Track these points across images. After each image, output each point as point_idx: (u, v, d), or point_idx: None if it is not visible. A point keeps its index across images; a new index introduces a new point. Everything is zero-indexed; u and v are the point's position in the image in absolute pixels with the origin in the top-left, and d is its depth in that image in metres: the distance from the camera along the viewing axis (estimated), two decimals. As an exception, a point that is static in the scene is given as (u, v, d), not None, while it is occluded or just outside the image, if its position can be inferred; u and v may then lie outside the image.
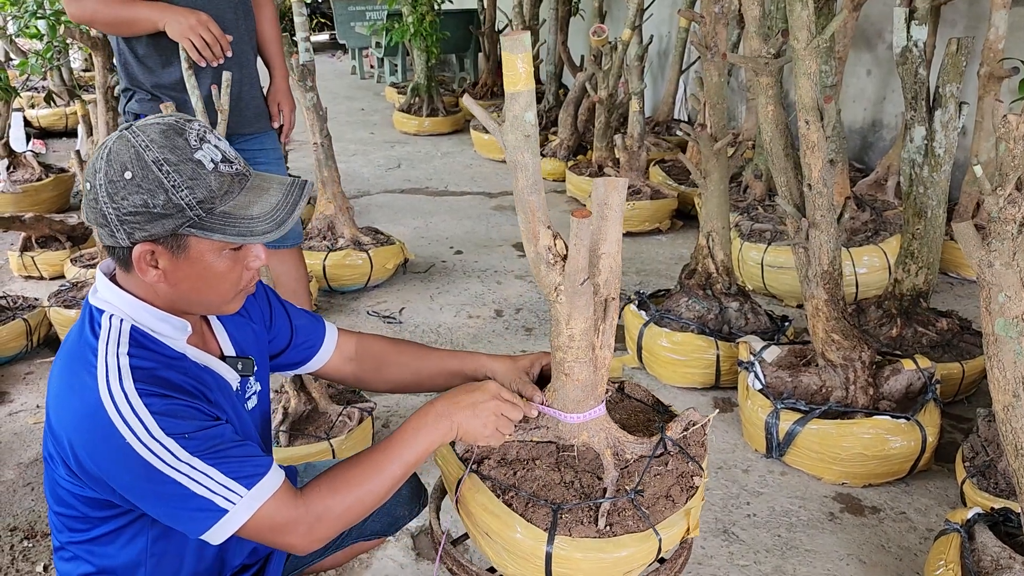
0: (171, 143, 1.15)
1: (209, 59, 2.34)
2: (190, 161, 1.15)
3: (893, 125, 4.88)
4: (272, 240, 1.20)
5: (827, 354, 2.49)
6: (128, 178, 1.13)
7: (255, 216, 1.19)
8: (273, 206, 1.21)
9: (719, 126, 2.91)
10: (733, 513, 2.32)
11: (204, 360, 1.31)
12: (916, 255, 2.85)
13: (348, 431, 2.49)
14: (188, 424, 1.16)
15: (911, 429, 2.36)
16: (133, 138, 1.15)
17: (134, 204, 1.14)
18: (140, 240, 1.17)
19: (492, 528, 1.32)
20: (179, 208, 1.15)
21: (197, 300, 1.26)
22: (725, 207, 2.99)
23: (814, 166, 2.33)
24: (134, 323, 1.22)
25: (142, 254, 1.18)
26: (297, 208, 1.23)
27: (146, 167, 1.14)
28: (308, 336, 1.59)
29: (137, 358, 1.19)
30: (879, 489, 2.41)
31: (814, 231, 2.41)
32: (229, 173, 1.19)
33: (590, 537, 1.28)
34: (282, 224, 1.20)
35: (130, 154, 1.14)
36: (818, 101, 2.28)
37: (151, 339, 1.23)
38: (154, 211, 1.14)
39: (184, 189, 1.14)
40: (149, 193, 1.14)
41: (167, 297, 1.24)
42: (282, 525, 1.20)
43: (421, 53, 7.09)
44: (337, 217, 3.96)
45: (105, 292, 1.25)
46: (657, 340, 2.98)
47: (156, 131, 1.16)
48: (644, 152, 4.66)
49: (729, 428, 2.74)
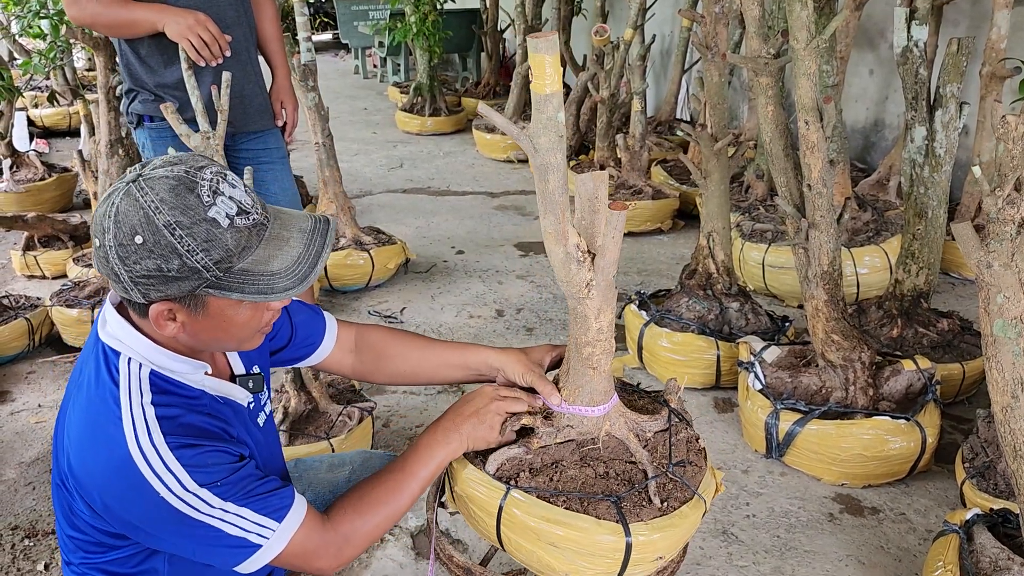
0: (182, 202, 1.08)
1: (208, 59, 2.35)
2: (204, 221, 1.08)
3: (895, 125, 4.87)
4: (293, 296, 1.16)
5: (827, 355, 2.49)
6: (139, 243, 1.07)
7: (276, 271, 1.14)
8: (295, 259, 1.15)
9: (720, 126, 2.91)
10: (732, 514, 2.32)
11: (220, 389, 1.30)
12: (917, 255, 2.85)
13: (348, 431, 2.50)
14: (218, 471, 1.16)
15: (911, 430, 2.36)
16: (142, 197, 1.08)
17: (147, 268, 1.09)
18: (156, 300, 1.13)
19: (560, 536, 1.30)
20: (195, 271, 1.09)
21: (217, 346, 1.25)
22: (726, 207, 2.99)
23: (814, 166, 2.32)
24: (152, 367, 1.20)
25: (159, 312, 1.14)
26: (320, 260, 1.17)
27: (157, 232, 1.07)
28: (309, 332, 1.58)
29: (162, 407, 1.17)
30: (879, 490, 2.41)
31: (814, 231, 2.41)
32: (246, 226, 1.12)
33: (657, 517, 1.31)
34: (305, 279, 1.15)
35: (139, 216, 1.07)
36: (818, 101, 2.28)
37: (171, 381, 1.21)
38: (168, 275, 1.09)
39: (199, 252, 1.09)
40: (162, 259, 1.08)
41: (186, 344, 1.22)
42: (312, 551, 1.23)
43: (423, 53, 7.10)
44: (339, 217, 3.96)
45: (118, 330, 1.20)
46: (657, 340, 2.98)
47: (165, 188, 1.08)
48: (646, 152, 4.66)
49: (729, 428, 2.74)
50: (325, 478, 1.62)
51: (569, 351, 1.40)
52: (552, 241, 1.27)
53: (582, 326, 1.33)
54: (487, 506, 1.35)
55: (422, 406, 2.94)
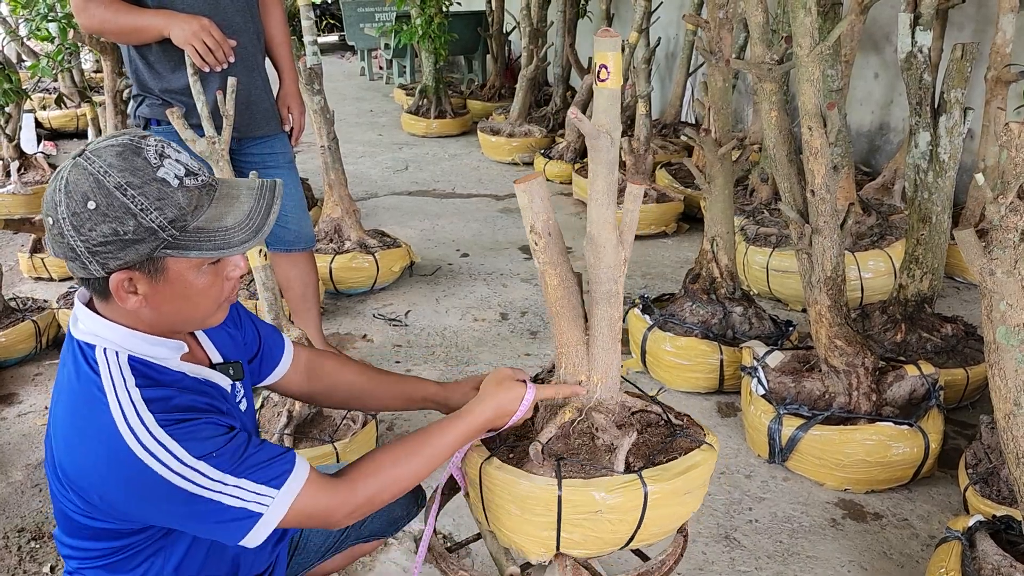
0: (130, 165, 1.10)
1: (212, 64, 2.36)
2: (154, 181, 1.11)
3: (900, 129, 4.87)
4: (251, 248, 1.19)
5: (830, 360, 2.49)
6: (92, 208, 1.09)
7: (230, 227, 1.16)
8: (246, 213, 1.18)
9: (723, 131, 2.91)
10: (735, 518, 2.33)
11: (199, 373, 1.31)
12: (921, 260, 2.85)
13: (352, 434, 2.51)
14: (212, 443, 1.17)
15: (914, 435, 2.36)
16: (89, 165, 1.10)
17: (103, 234, 1.09)
18: (115, 269, 1.13)
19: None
20: (151, 231, 1.11)
21: (182, 320, 1.24)
22: (729, 211, 2.99)
23: (817, 172, 2.33)
24: (129, 353, 1.20)
25: (119, 283, 1.14)
26: (272, 211, 1.20)
27: (109, 194, 1.09)
28: (273, 345, 1.59)
29: (147, 388, 1.18)
30: (881, 495, 2.41)
31: (817, 237, 2.41)
32: (195, 186, 1.15)
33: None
34: (259, 231, 1.18)
35: (89, 183, 1.09)
36: (821, 107, 2.29)
37: (150, 365, 1.22)
38: (125, 238, 1.10)
39: (153, 211, 1.10)
40: (117, 221, 1.09)
41: (151, 321, 1.21)
42: (323, 510, 1.26)
43: (429, 55, 7.11)
44: (344, 219, 3.97)
45: (89, 323, 1.21)
46: (661, 344, 2.98)
47: (112, 154, 1.11)
48: (650, 155, 4.66)
49: (732, 433, 2.75)
50: None
51: (594, 338, 1.49)
52: (607, 230, 1.40)
53: (615, 304, 1.45)
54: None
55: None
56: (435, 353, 3.39)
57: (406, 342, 3.51)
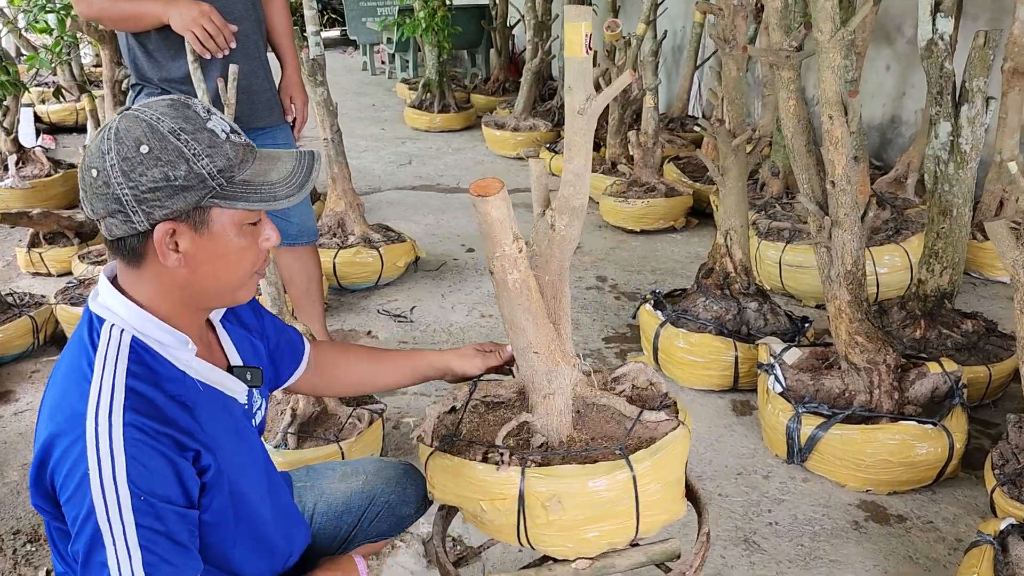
0: (182, 114, 1.13)
1: (213, 50, 2.30)
2: (204, 130, 1.13)
3: (912, 122, 4.79)
4: (295, 203, 1.20)
5: (850, 357, 2.42)
6: (145, 152, 1.09)
7: (274, 182, 1.18)
8: (290, 171, 1.20)
9: (737, 121, 2.83)
10: (754, 521, 2.25)
11: (210, 377, 1.24)
12: (940, 255, 2.77)
13: (358, 433, 2.43)
14: (152, 481, 1.07)
15: (938, 435, 2.29)
16: (142, 114, 1.12)
17: (154, 178, 1.09)
18: (161, 219, 1.12)
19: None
20: (201, 178, 1.12)
21: (215, 286, 1.20)
22: (743, 204, 2.91)
23: (837, 163, 2.25)
24: (136, 334, 1.16)
25: (162, 236, 1.12)
26: (313, 172, 1.22)
27: (163, 138, 1.10)
28: (296, 348, 1.55)
29: (136, 379, 1.12)
30: (904, 497, 2.34)
31: (837, 230, 2.34)
32: (240, 144, 1.17)
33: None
34: (302, 187, 1.20)
35: (142, 128, 1.10)
36: (842, 95, 2.21)
37: (152, 354, 1.16)
38: (175, 184, 1.10)
39: (204, 158, 1.12)
40: (169, 165, 1.10)
41: (181, 290, 1.18)
42: None
43: (432, 48, 7.03)
44: (347, 214, 3.90)
45: (107, 297, 1.18)
46: (674, 341, 2.91)
47: (163, 105, 1.14)
48: (659, 149, 4.58)
49: (748, 432, 2.67)
50: (338, 488, 1.57)
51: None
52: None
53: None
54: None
55: (433, 408, 2.87)
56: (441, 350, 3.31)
57: (411, 339, 3.44)
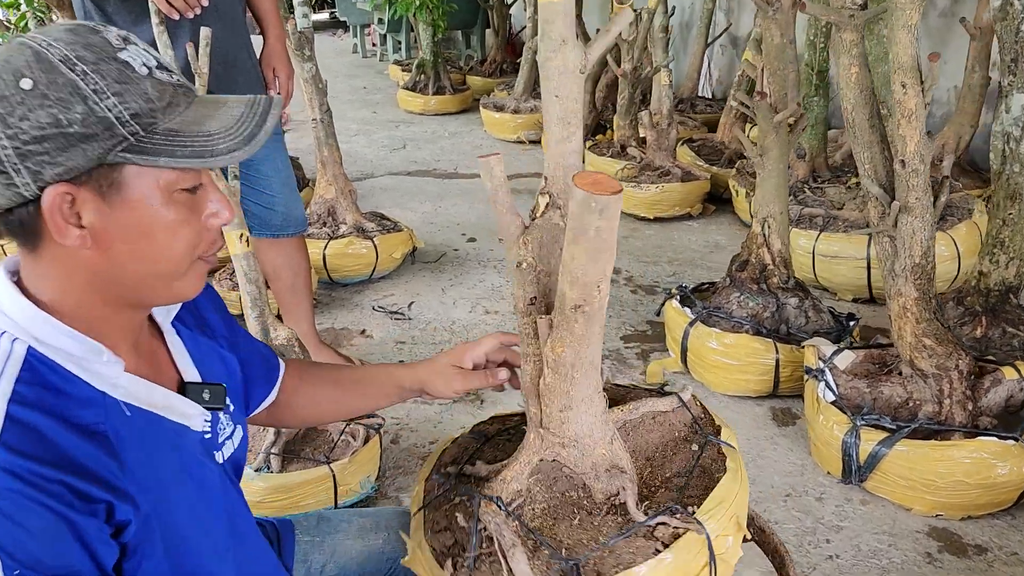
0: (84, 40, 0.82)
1: (182, 9, 1.99)
2: (114, 60, 0.82)
3: (944, 100, 4.49)
4: (242, 159, 0.87)
5: (916, 361, 2.12)
6: (27, 88, 0.78)
7: (213, 132, 0.85)
8: (236, 119, 0.88)
9: (780, 95, 2.52)
10: (811, 554, 1.95)
11: (144, 398, 0.91)
12: (1007, 244, 2.46)
13: (352, 453, 2.12)
14: (36, 551, 0.76)
15: (1020, 452, 1.99)
16: (31, 40, 0.81)
17: (39, 123, 0.78)
18: (52, 180, 0.80)
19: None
20: (106, 123, 0.80)
21: (137, 275, 0.87)
22: (784, 189, 2.60)
23: (910, 139, 1.94)
24: (33, 343, 0.83)
25: (56, 203, 0.80)
26: (268, 121, 0.89)
27: (52, 69, 0.79)
28: (270, 365, 1.24)
29: (22, 403, 0.79)
30: (980, 523, 2.04)
31: (905, 216, 2.03)
32: (169, 83, 0.85)
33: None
34: (251, 140, 0.87)
35: (26, 56, 0.80)
36: (918, 59, 1.90)
37: (56, 370, 0.84)
38: (69, 131, 0.79)
39: (110, 96, 0.80)
40: (60, 104, 0.79)
41: (91, 279, 0.86)
42: None
43: (427, 27, 6.69)
44: (338, 201, 3.57)
45: (1, 296, 0.86)
46: (706, 342, 2.60)
47: (60, 30, 0.82)
48: (674, 130, 4.26)
49: (793, 446, 2.37)
50: (353, 547, 1.26)
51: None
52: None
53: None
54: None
55: (436, 418, 2.57)
56: (443, 350, 3.00)
57: (410, 338, 3.12)
